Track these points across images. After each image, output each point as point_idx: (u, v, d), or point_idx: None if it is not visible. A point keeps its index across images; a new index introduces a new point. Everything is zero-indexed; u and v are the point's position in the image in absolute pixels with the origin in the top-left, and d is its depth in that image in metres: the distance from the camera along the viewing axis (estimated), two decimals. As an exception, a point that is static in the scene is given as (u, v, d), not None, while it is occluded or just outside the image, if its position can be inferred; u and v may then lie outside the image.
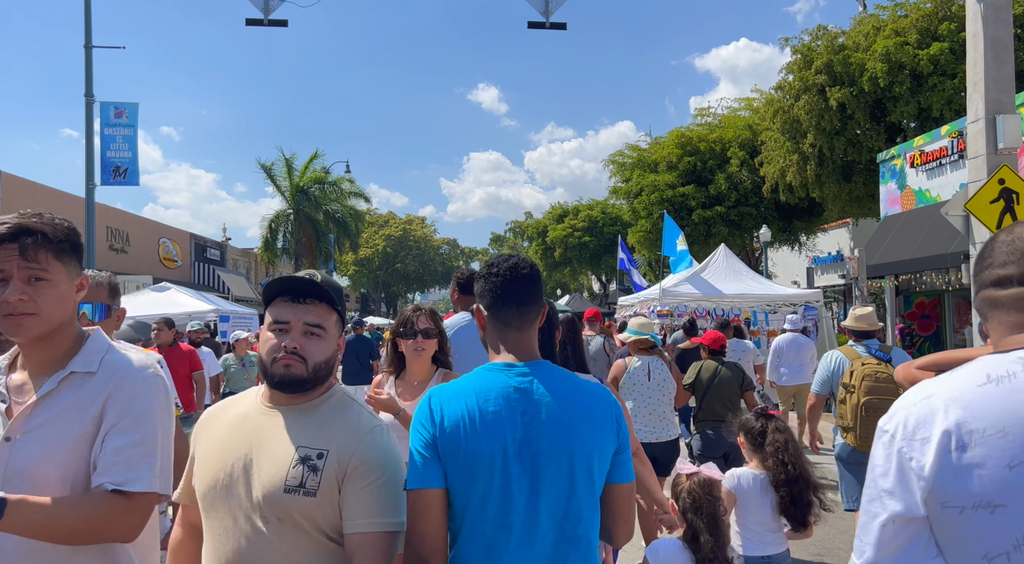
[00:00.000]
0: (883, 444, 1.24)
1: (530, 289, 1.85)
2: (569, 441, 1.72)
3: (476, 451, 1.69)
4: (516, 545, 1.69)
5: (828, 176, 18.38)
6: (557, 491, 1.71)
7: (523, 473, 1.70)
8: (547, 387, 1.77)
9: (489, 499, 1.69)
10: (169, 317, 7.45)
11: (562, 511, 1.71)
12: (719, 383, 5.61)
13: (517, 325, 1.84)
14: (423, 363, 3.27)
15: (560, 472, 1.71)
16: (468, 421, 1.71)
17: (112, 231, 22.97)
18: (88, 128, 16.77)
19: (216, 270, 30.80)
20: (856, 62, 16.81)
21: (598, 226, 37.72)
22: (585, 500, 1.73)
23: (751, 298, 13.35)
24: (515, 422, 1.72)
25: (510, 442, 1.70)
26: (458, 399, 1.75)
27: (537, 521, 1.70)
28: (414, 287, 66.48)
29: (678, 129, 25.86)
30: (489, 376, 1.79)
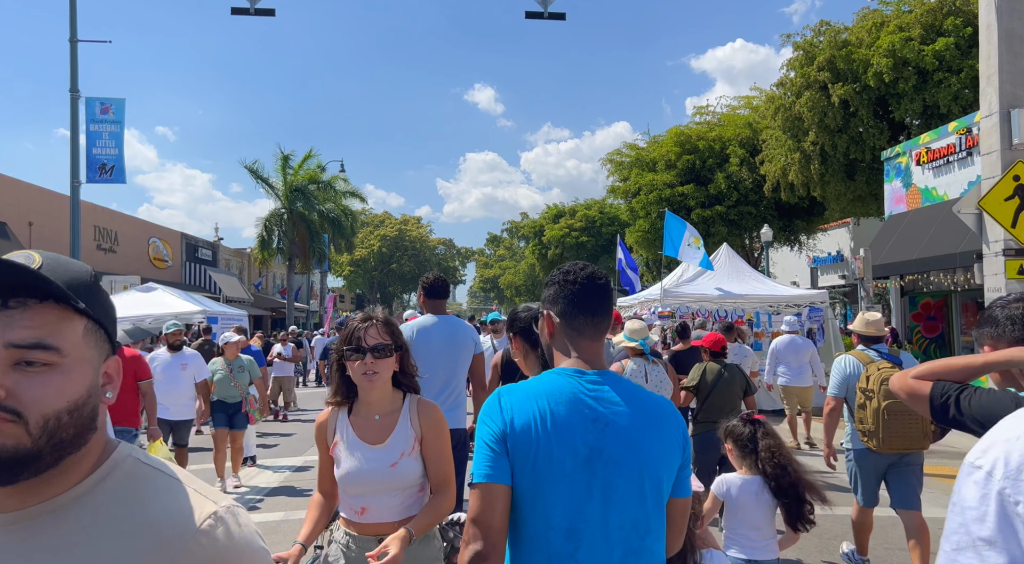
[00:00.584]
0: (976, 483, 1.05)
1: (606, 299, 1.84)
2: (640, 452, 1.70)
3: (548, 454, 1.65)
4: (583, 555, 1.64)
5: (831, 175, 18.04)
6: (627, 502, 1.68)
7: (594, 481, 1.66)
8: (619, 396, 1.74)
9: (557, 505, 1.64)
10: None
11: (631, 522, 1.68)
12: (722, 386, 5.58)
13: (591, 335, 1.81)
14: (381, 390, 2.50)
15: (631, 483, 1.68)
16: (540, 422, 1.67)
17: (100, 230, 22.51)
18: (73, 124, 16.33)
19: (208, 270, 30.34)
20: (860, 58, 16.47)
21: (595, 226, 37.35)
22: (654, 512, 1.71)
23: (754, 299, 13.00)
24: (587, 428, 1.68)
25: (582, 448, 1.67)
26: (529, 399, 1.71)
27: (607, 532, 1.66)
28: (410, 288, 66.00)
29: (677, 127, 25.51)
30: (560, 380, 1.75)
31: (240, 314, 15.37)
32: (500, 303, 78.54)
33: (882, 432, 4.56)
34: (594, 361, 1.80)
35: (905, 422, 4.52)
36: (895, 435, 4.53)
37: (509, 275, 60.78)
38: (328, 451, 2.55)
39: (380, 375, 2.46)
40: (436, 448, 2.53)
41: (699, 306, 12.59)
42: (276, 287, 42.11)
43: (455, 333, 4.70)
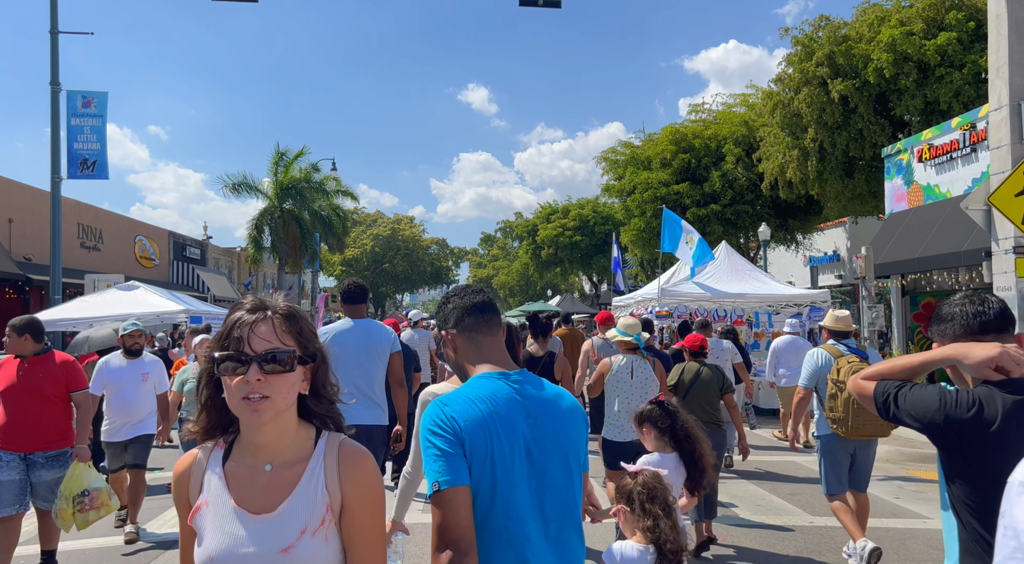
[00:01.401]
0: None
1: (493, 306, 2.06)
2: (563, 438, 1.90)
3: (500, 451, 1.80)
4: (534, 534, 1.82)
5: (829, 172, 17.74)
6: (559, 483, 1.88)
7: (532, 469, 1.84)
8: (538, 392, 1.93)
9: (510, 496, 1.80)
10: (32, 319, 5.07)
11: (563, 500, 1.88)
12: (700, 385, 5.77)
13: (489, 334, 2.00)
14: (276, 427, 1.53)
15: (560, 466, 1.89)
16: (489, 424, 1.81)
17: (84, 228, 22.01)
18: (54, 118, 15.88)
19: (196, 270, 29.84)
20: (860, 53, 16.16)
21: (589, 225, 37.00)
22: (576, 488, 1.93)
23: (754, 298, 12.66)
24: (524, 423, 1.85)
25: (521, 442, 1.83)
26: (473, 404, 1.83)
27: (543, 511, 1.85)
28: (403, 288, 65.56)
29: (672, 125, 25.20)
30: (491, 383, 1.90)
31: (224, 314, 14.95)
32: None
33: (851, 420, 4.90)
34: (504, 361, 2.00)
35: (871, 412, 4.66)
36: (863, 423, 4.88)
37: (503, 275, 60.40)
38: (188, 519, 1.56)
39: (273, 401, 1.47)
40: (365, 524, 1.54)
41: (697, 305, 12.24)
42: (266, 287, 41.64)
43: (371, 336, 5.02)
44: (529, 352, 5.89)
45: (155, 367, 6.30)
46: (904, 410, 2.06)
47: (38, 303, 18.11)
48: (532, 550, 1.83)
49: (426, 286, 68.35)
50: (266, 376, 1.46)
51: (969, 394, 1.98)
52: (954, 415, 1.95)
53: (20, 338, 4.91)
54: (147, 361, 6.28)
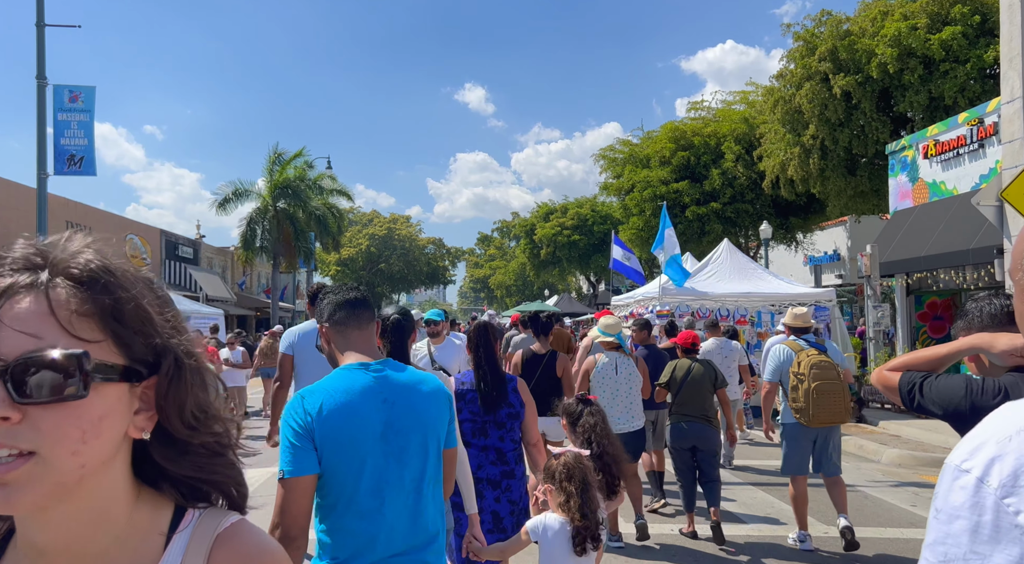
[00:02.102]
0: (964, 489, 0.91)
1: (364, 302, 2.27)
2: (421, 420, 2.15)
3: (351, 436, 2.03)
4: (388, 509, 2.05)
5: (831, 170, 17.45)
6: (416, 460, 2.12)
7: (389, 449, 2.08)
8: (398, 379, 2.17)
9: (362, 474, 2.03)
10: None
11: (420, 474, 2.13)
12: (691, 380, 5.91)
13: (357, 326, 2.21)
14: (82, 512, 0.76)
15: (417, 445, 2.13)
16: (342, 413, 2.04)
17: (73, 226, 21.59)
18: (40, 113, 15.51)
19: (189, 269, 29.45)
20: (863, 48, 15.87)
21: (587, 224, 36.67)
22: (434, 464, 2.17)
23: (757, 297, 12.35)
24: (379, 408, 2.09)
25: (377, 425, 2.07)
26: (328, 395, 2.06)
27: (403, 485, 2.09)
28: (399, 287, 65.15)
29: (671, 123, 24.91)
30: (350, 374, 2.13)
31: (215, 313, 14.58)
32: (490, 303, 77.80)
33: (812, 409, 5.27)
34: (370, 351, 2.21)
35: (831, 400, 5.27)
36: (823, 411, 5.25)
37: (499, 275, 60.06)
38: None
39: (45, 463, 0.70)
40: None
41: (699, 305, 11.92)
42: (261, 286, 41.24)
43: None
44: (532, 350, 6.03)
45: None
46: (929, 398, 2.11)
47: (25, 303, 17.73)
48: (385, 521, 2.04)
49: (422, 286, 67.99)
50: (24, 410, 0.69)
51: (995, 382, 2.02)
52: (980, 402, 1.98)
53: None
54: None
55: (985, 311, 2.19)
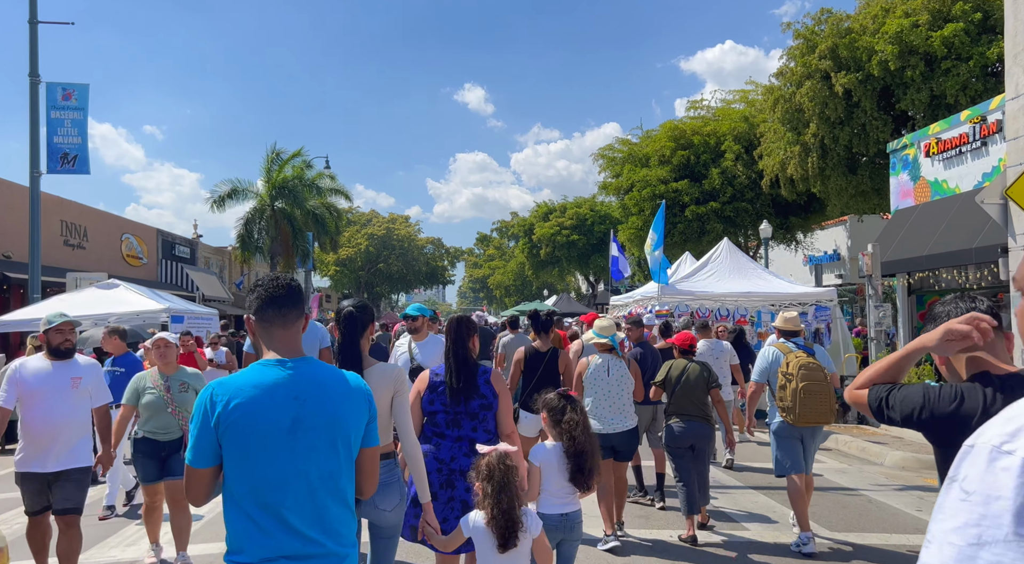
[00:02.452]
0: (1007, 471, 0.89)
1: (293, 296, 2.28)
2: (333, 418, 2.17)
3: (257, 430, 2.09)
4: (291, 501, 2.09)
5: (831, 168, 17.31)
6: (325, 457, 2.15)
7: (297, 444, 2.11)
8: (313, 376, 2.19)
9: (268, 467, 2.09)
10: None
11: (328, 472, 2.15)
12: (687, 381, 5.99)
13: (281, 324, 2.24)
14: None
15: (327, 442, 2.16)
16: (247, 407, 2.09)
17: (68, 225, 21.45)
18: (33, 111, 15.37)
19: (185, 269, 29.29)
20: (864, 46, 15.74)
21: (587, 224, 36.53)
22: (344, 461, 2.21)
23: (757, 297, 12.21)
24: (289, 405, 2.13)
25: (285, 421, 2.11)
26: (238, 390, 2.11)
27: (310, 481, 2.12)
28: (398, 287, 64.96)
29: (671, 121, 24.78)
30: (264, 370, 2.18)
31: (209, 313, 14.41)
32: (489, 303, 77.61)
33: (798, 408, 5.46)
34: (290, 350, 2.22)
35: (817, 400, 5.46)
36: (809, 411, 5.44)
37: (498, 275, 59.92)
38: None
39: None
40: None
41: (699, 304, 11.78)
42: (259, 286, 41.05)
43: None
44: (533, 347, 6.18)
45: (91, 372, 4.79)
46: (896, 411, 2.15)
47: (18, 302, 17.57)
48: (288, 514, 2.09)
49: (421, 286, 67.79)
50: None
51: (953, 388, 2.08)
52: (937, 410, 2.05)
53: None
54: (81, 364, 4.74)
55: (952, 314, 2.19)
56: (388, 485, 3.22)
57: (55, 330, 4.63)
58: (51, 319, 4.69)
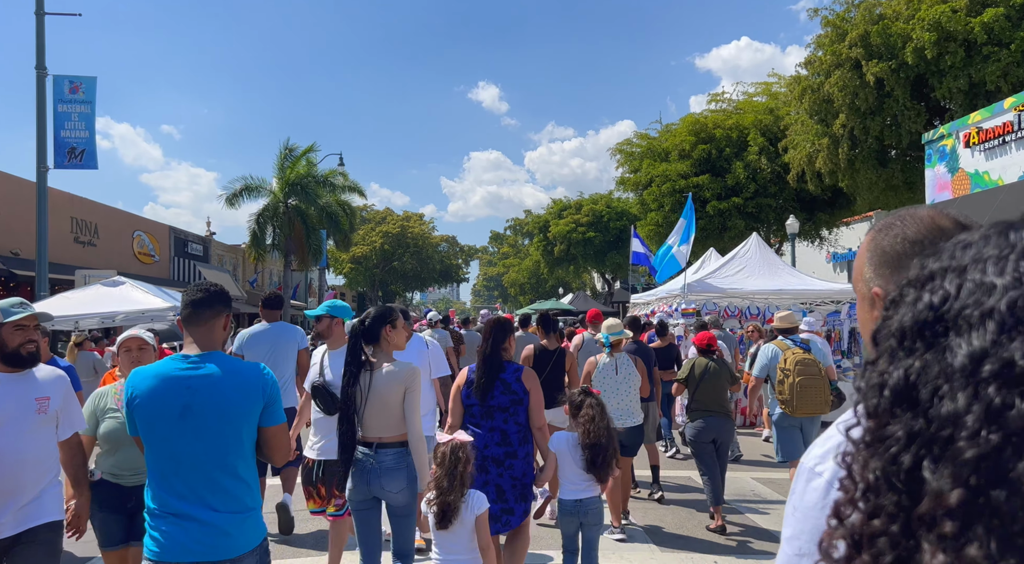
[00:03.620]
0: (817, 490, 1.03)
1: (202, 299, 2.73)
2: (221, 405, 2.61)
3: (156, 413, 2.60)
4: (184, 471, 2.59)
5: (861, 161, 16.65)
6: (212, 438, 2.59)
7: (186, 426, 2.58)
8: (211, 369, 2.65)
9: (163, 444, 2.61)
10: None
11: (215, 450, 2.60)
12: (709, 378, 6.23)
13: (194, 323, 2.72)
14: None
15: (214, 425, 2.59)
16: (147, 395, 2.62)
17: (78, 222, 21.18)
18: (40, 104, 15.03)
19: (198, 267, 29.01)
20: (898, 32, 15.07)
21: (603, 221, 35.91)
22: (232, 441, 2.63)
23: (788, 295, 11.61)
24: (181, 393, 2.60)
25: (177, 407, 2.59)
26: (143, 379, 2.65)
27: (197, 457, 2.58)
28: (412, 286, 64.62)
29: (692, 115, 24.14)
30: (167, 363, 2.69)
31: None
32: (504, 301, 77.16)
33: (796, 401, 5.98)
34: (202, 344, 2.72)
35: (812, 393, 6.00)
36: (805, 403, 5.97)
37: (513, 273, 59.44)
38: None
39: None
40: None
41: (727, 302, 11.21)
42: (272, 284, 40.86)
43: (280, 336, 6.13)
44: (542, 345, 6.41)
45: (59, 389, 3.24)
46: None
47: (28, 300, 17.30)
48: (176, 481, 2.57)
49: (436, 284, 67.43)
50: None
51: None
52: None
53: None
54: (43, 379, 3.20)
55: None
56: (396, 470, 3.60)
57: (13, 327, 3.10)
58: (8, 309, 3.19)
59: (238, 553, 2.60)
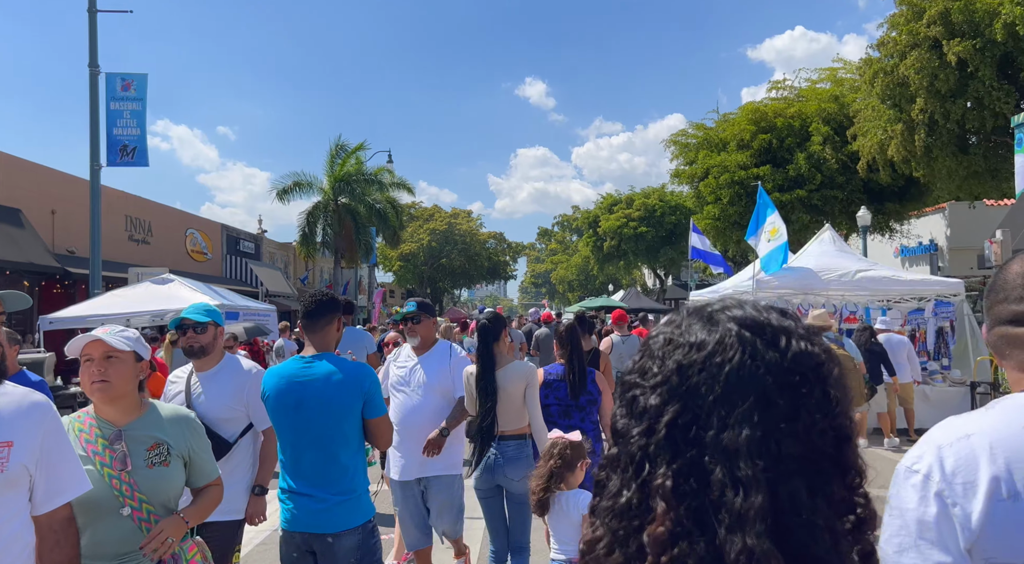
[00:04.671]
0: (914, 486, 1.11)
1: (313, 308, 3.22)
2: (326, 399, 3.04)
3: (279, 406, 3.10)
4: (300, 458, 3.07)
5: (940, 148, 15.54)
6: (321, 428, 3.04)
7: (299, 418, 3.05)
8: (320, 368, 3.09)
9: (283, 431, 3.12)
10: None
11: (325, 437, 3.04)
12: None
13: (311, 330, 3.23)
14: None
15: (322, 417, 3.04)
16: (274, 389, 3.13)
17: (132, 220, 21.36)
18: (93, 102, 15.03)
19: (249, 264, 29.17)
20: (983, 8, 13.97)
21: (656, 215, 34.95)
22: (336, 432, 3.05)
23: (868, 290, 10.73)
24: (295, 389, 3.08)
25: (292, 400, 3.07)
26: (270, 378, 3.18)
27: (310, 442, 3.05)
28: (460, 283, 64.49)
29: (751, 103, 23.14)
30: (288, 363, 3.20)
31: (267, 309, 13.79)
32: (551, 298, 76.50)
33: None
34: (317, 347, 3.19)
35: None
36: None
37: (561, 270, 58.79)
38: None
39: None
40: None
41: (802, 299, 10.42)
42: (323, 282, 41.05)
43: (351, 340, 6.64)
44: None
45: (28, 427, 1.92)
46: None
47: (83, 298, 17.43)
48: (295, 462, 3.09)
49: (483, 281, 67.17)
50: None
51: None
52: None
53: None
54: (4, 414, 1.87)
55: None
56: (518, 459, 4.01)
57: None
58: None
59: (340, 529, 2.99)
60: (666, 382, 0.75)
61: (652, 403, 0.75)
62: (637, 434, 0.75)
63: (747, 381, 0.73)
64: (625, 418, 0.78)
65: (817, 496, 0.70)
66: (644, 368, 0.79)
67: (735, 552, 0.66)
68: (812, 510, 0.69)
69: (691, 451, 0.72)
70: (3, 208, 15.93)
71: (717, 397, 0.73)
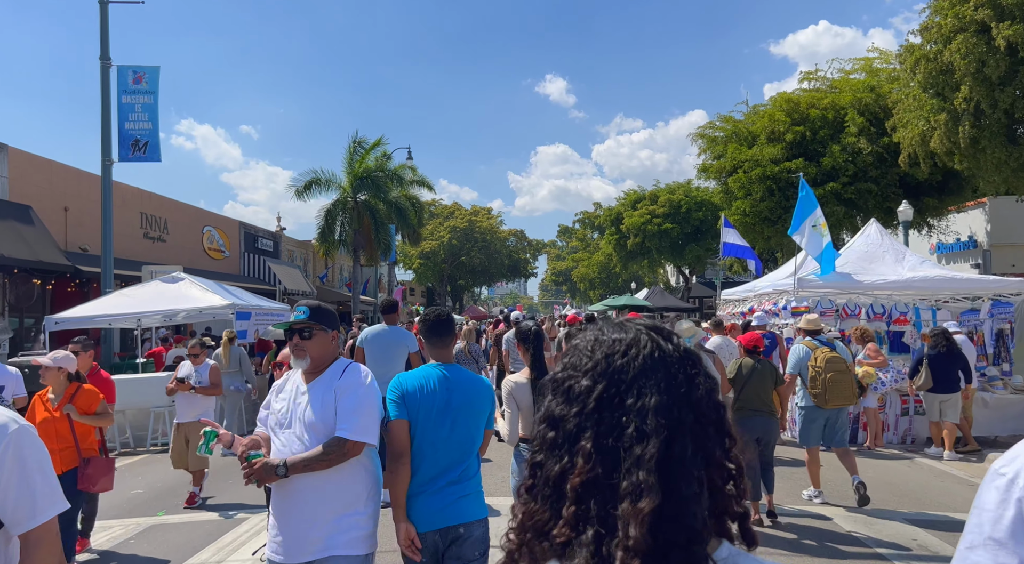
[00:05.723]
0: (997, 488, 1.11)
1: (445, 326, 3.54)
2: (470, 403, 3.31)
3: (425, 405, 3.22)
4: (441, 454, 3.20)
5: (987, 139, 14.68)
6: (464, 429, 3.27)
7: (445, 418, 3.22)
8: (458, 376, 3.38)
9: (428, 430, 3.20)
10: None
11: (468, 439, 3.29)
12: (755, 378, 6.45)
13: (439, 346, 3.49)
14: None
15: (467, 418, 3.29)
16: (419, 390, 3.26)
17: (147, 218, 21.03)
18: (104, 96, 14.66)
19: (268, 262, 28.82)
20: (1036, -13, 13.10)
21: (681, 211, 34.12)
22: (476, 434, 3.35)
23: (917, 289, 10.00)
24: (443, 390, 3.28)
25: (441, 401, 3.24)
26: (415, 379, 3.30)
27: (453, 442, 3.23)
28: (480, 281, 63.97)
29: (784, 93, 22.31)
30: (430, 369, 3.40)
31: (282, 308, 13.30)
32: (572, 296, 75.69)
33: (827, 394, 6.77)
34: (446, 358, 3.47)
35: (842, 387, 6.77)
36: (835, 396, 6.77)
37: (582, 267, 58.02)
38: None
39: None
40: None
41: (847, 299, 9.69)
42: (343, 280, 40.71)
43: (395, 337, 6.90)
44: None
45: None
46: None
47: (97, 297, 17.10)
48: (439, 459, 3.19)
49: (504, 279, 66.61)
50: None
51: None
52: None
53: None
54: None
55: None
56: None
57: None
58: None
59: (467, 520, 3.18)
60: (595, 367, 0.97)
61: (584, 385, 0.96)
62: (574, 414, 0.95)
63: (657, 362, 0.96)
64: (562, 405, 0.97)
65: (699, 454, 0.91)
66: (575, 363, 1.00)
67: (630, 485, 0.86)
68: (693, 463, 0.89)
69: (613, 415, 0.92)
70: (12, 205, 15.62)
71: (636, 374, 0.95)
